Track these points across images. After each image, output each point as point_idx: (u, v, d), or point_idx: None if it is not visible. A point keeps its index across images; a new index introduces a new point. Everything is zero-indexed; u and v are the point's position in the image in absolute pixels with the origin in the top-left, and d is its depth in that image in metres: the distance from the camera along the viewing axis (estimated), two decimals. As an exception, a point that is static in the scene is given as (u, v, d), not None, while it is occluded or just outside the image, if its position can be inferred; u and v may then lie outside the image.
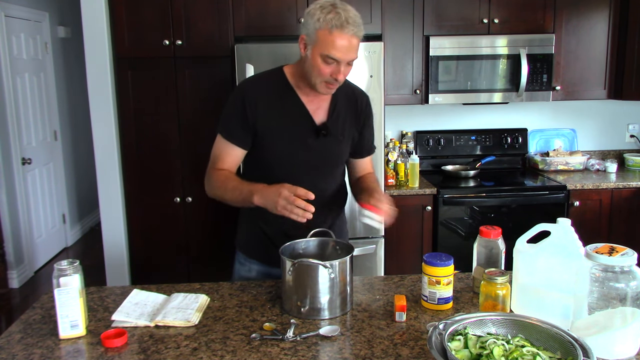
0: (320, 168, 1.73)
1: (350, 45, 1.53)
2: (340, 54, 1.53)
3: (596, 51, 3.36)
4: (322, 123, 1.69)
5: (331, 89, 1.62)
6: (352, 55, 1.56)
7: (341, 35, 1.51)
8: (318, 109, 1.70)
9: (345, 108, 1.74)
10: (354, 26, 1.52)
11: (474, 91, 3.28)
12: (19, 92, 4.24)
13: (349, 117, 1.75)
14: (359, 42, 1.57)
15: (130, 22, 3.01)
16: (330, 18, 1.51)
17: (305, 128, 1.68)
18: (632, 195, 3.19)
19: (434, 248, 3.15)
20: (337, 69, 1.56)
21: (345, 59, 1.54)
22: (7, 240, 4.05)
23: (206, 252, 3.23)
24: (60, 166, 4.97)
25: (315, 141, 1.69)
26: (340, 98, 1.73)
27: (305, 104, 1.68)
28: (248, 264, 1.82)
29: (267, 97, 1.67)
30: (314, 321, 1.42)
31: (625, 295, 1.18)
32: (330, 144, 1.71)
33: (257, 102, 1.66)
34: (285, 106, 1.68)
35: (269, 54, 2.86)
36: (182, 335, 1.37)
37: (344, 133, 1.73)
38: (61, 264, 1.34)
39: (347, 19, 1.51)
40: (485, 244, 1.52)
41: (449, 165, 3.54)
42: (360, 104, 1.78)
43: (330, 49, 1.52)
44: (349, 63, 1.58)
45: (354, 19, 1.53)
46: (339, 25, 1.50)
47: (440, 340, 1.10)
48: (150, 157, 3.14)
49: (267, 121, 1.66)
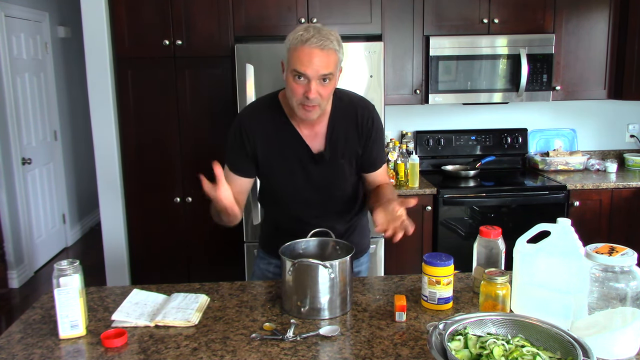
0: (325, 190, 1.72)
1: (315, 56, 1.48)
2: (304, 67, 1.48)
3: (596, 51, 3.36)
4: (319, 152, 1.67)
5: (309, 110, 1.54)
6: (320, 68, 1.49)
7: (305, 49, 1.48)
8: (315, 137, 1.67)
9: (345, 127, 1.69)
10: (318, 39, 1.48)
11: (474, 91, 3.28)
12: (19, 92, 4.24)
13: (350, 136, 1.69)
14: (330, 56, 1.50)
15: (130, 22, 3.01)
16: (298, 35, 1.51)
17: (303, 157, 1.67)
18: (632, 195, 3.18)
19: (434, 248, 3.15)
20: (308, 87, 1.50)
21: (311, 72, 1.49)
22: (7, 240, 4.04)
23: (206, 252, 3.23)
24: (60, 166, 4.97)
25: (315, 168, 1.68)
26: (338, 118, 1.68)
27: (301, 133, 1.66)
28: (267, 258, 1.87)
29: (263, 130, 1.67)
30: (314, 321, 1.42)
31: (625, 295, 1.18)
32: (330, 168, 1.69)
33: (255, 135, 1.67)
34: (282, 138, 1.67)
35: (269, 54, 2.86)
36: (182, 335, 1.37)
37: (344, 154, 1.69)
38: (61, 264, 1.34)
39: (314, 34, 1.49)
40: (485, 244, 1.52)
41: (449, 165, 3.54)
42: (361, 119, 1.69)
43: (296, 63, 1.50)
44: (324, 80, 1.51)
45: (323, 33, 1.50)
46: (304, 40, 1.49)
47: (440, 340, 1.10)
48: (150, 157, 3.15)
49: (266, 153, 1.68)
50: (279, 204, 1.80)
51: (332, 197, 1.75)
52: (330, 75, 1.52)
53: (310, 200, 1.71)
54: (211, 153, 3.05)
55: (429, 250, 3.14)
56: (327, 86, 1.54)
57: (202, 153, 3.13)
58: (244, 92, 2.86)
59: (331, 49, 1.50)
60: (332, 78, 1.54)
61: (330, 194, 1.74)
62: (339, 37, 1.55)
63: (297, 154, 1.67)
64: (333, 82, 1.56)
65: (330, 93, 1.57)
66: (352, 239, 1.78)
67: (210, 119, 3.10)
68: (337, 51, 1.53)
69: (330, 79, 1.53)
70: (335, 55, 1.52)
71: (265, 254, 1.89)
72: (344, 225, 1.80)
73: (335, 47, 1.52)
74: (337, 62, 1.54)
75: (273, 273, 1.86)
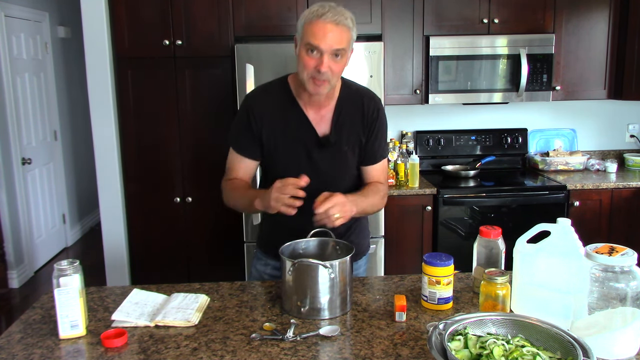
0: (328, 178, 1.71)
1: (330, 31, 1.51)
2: (318, 40, 1.51)
3: (596, 51, 3.36)
4: (325, 135, 1.68)
5: (318, 85, 1.56)
6: (333, 43, 1.52)
7: (319, 22, 1.52)
8: (321, 120, 1.69)
9: (351, 114, 1.70)
10: (334, 14, 1.52)
11: (474, 91, 3.28)
12: (19, 92, 4.24)
13: (355, 123, 1.71)
14: (343, 32, 1.54)
15: (130, 22, 3.01)
16: (314, 10, 1.54)
17: (309, 140, 1.68)
18: (632, 195, 3.18)
19: (434, 248, 3.15)
20: (320, 60, 1.53)
21: (324, 46, 1.51)
22: (7, 240, 4.04)
23: (206, 252, 3.23)
24: (60, 166, 4.97)
25: (320, 152, 1.69)
26: (345, 104, 1.70)
27: (308, 116, 1.68)
28: (265, 259, 1.86)
29: (270, 110, 1.69)
30: (314, 321, 1.42)
31: (625, 295, 1.18)
32: (335, 154, 1.70)
33: (262, 116, 1.68)
34: (289, 119, 1.68)
35: (269, 54, 2.86)
36: (182, 335, 1.37)
37: (348, 141, 1.70)
38: (61, 264, 1.34)
39: (329, 9, 1.52)
40: (485, 244, 1.52)
41: (449, 165, 3.54)
42: (367, 108, 1.71)
43: (310, 36, 1.53)
44: (336, 55, 1.54)
45: (338, 10, 1.53)
46: (319, 14, 1.52)
47: (440, 340, 1.10)
48: (150, 157, 3.15)
49: (272, 134, 1.69)
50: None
51: (334, 187, 1.70)
52: (342, 51, 1.55)
53: (312, 190, 1.61)
54: (211, 153, 3.09)
55: (429, 250, 3.14)
56: (339, 62, 1.57)
57: (202, 153, 3.13)
58: (244, 92, 2.85)
59: (345, 25, 1.53)
60: (344, 54, 1.57)
61: (333, 183, 1.69)
62: (353, 17, 1.58)
63: (303, 137, 1.68)
64: (344, 60, 1.59)
65: (341, 70, 1.60)
66: (352, 239, 1.77)
67: (210, 119, 3.10)
68: (351, 29, 1.56)
69: (342, 55, 1.56)
70: (349, 32, 1.55)
71: (263, 255, 1.88)
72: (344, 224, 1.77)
73: (349, 25, 1.55)
74: (350, 39, 1.57)
75: (270, 275, 1.84)
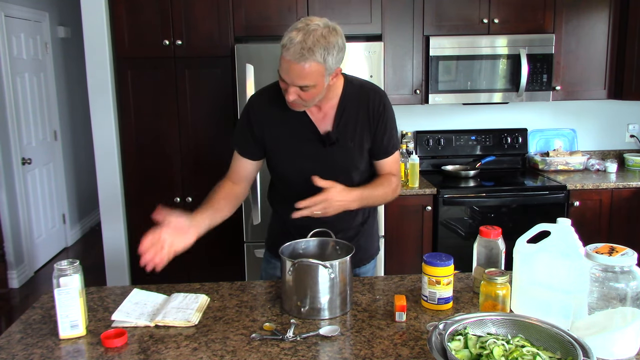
0: (333, 175, 1.66)
1: (292, 70, 1.46)
2: (283, 73, 1.50)
3: (596, 51, 3.36)
4: (327, 132, 1.66)
5: (293, 107, 1.58)
6: (295, 80, 1.47)
7: (284, 57, 1.48)
8: (324, 118, 1.67)
9: (356, 110, 1.68)
10: (299, 50, 1.43)
11: (474, 91, 3.28)
12: (19, 92, 4.24)
13: (361, 120, 1.68)
14: (308, 69, 1.45)
15: (130, 22, 3.01)
16: (287, 39, 1.47)
17: (311, 139, 1.67)
18: (632, 195, 3.18)
19: (434, 248, 3.15)
20: (286, 89, 1.52)
21: (288, 80, 1.49)
22: (7, 240, 4.04)
23: (206, 252, 3.22)
24: (60, 166, 4.97)
25: (323, 151, 1.67)
26: (348, 101, 1.68)
27: (310, 115, 1.67)
28: (274, 261, 1.86)
29: (272, 111, 1.68)
30: (314, 321, 1.42)
31: (625, 295, 1.18)
32: (339, 152, 1.68)
33: (263, 116, 1.68)
34: (290, 119, 1.67)
35: (269, 54, 2.86)
36: (182, 335, 1.37)
37: (354, 139, 1.68)
38: (61, 264, 1.34)
39: (299, 42, 1.43)
40: (485, 244, 1.52)
41: (449, 165, 3.54)
42: (372, 103, 1.67)
43: (279, 65, 1.51)
44: (303, 89, 1.50)
45: (309, 43, 1.43)
46: (287, 48, 1.46)
47: (440, 340, 1.10)
48: (150, 157, 3.15)
49: (274, 135, 1.69)
50: (287, 198, 1.68)
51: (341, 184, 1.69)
52: (306, 87, 1.50)
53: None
54: (211, 153, 3.09)
55: (429, 250, 3.14)
56: (308, 92, 1.52)
57: (202, 153, 3.13)
58: (244, 92, 2.86)
59: (311, 61, 1.44)
60: (312, 87, 1.51)
61: (339, 181, 1.62)
62: (334, 41, 1.47)
63: (305, 135, 1.67)
64: (316, 89, 1.52)
65: (314, 96, 1.54)
66: (362, 243, 1.77)
67: (210, 119, 3.10)
68: (321, 62, 1.46)
69: (309, 87, 1.50)
70: (317, 66, 1.46)
71: (272, 257, 1.87)
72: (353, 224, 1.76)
73: (318, 60, 1.45)
74: (320, 72, 1.48)
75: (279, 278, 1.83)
